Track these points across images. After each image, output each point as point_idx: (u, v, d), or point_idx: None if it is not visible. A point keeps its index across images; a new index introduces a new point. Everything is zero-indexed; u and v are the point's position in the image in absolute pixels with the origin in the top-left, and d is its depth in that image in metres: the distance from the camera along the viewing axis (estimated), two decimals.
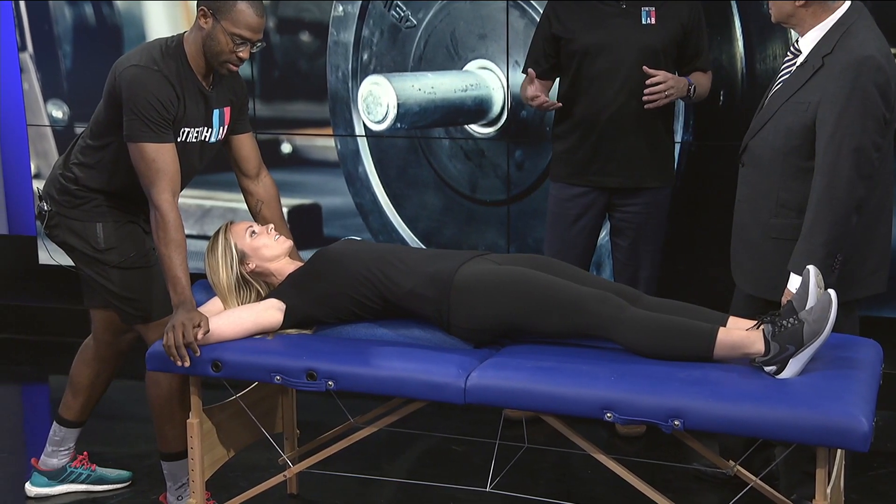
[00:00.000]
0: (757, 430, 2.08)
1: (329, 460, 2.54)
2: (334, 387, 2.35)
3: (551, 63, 3.22)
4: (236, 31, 2.48)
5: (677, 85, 3.09)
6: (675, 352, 2.28)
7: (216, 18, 2.48)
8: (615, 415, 2.15)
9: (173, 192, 2.50)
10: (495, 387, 2.26)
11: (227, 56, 2.51)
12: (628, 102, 3.10)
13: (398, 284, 2.46)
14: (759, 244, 2.61)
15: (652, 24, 3.09)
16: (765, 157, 2.58)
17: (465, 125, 3.96)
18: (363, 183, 4.13)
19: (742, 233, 2.69)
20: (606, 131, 3.14)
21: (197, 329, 2.39)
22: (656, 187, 3.21)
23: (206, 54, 2.53)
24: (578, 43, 3.12)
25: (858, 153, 2.40)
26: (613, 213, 3.26)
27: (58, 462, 2.98)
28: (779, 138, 2.53)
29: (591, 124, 3.16)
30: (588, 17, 3.12)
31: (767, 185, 2.57)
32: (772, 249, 2.57)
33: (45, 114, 4.52)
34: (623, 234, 3.26)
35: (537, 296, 2.37)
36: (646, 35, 3.09)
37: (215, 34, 2.49)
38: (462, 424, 3.41)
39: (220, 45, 2.50)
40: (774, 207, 2.56)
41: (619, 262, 3.30)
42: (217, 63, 2.54)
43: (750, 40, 3.54)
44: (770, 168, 2.56)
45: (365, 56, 4.02)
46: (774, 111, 2.56)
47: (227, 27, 2.48)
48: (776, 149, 2.54)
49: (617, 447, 3.25)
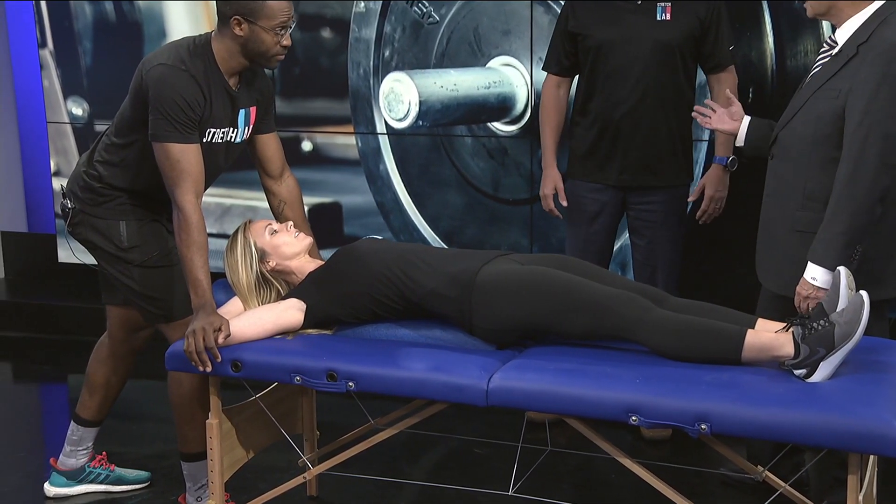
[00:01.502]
0: (786, 435, 2.06)
1: (349, 462, 2.54)
2: (355, 388, 2.35)
3: (572, 61, 3.23)
4: (276, 22, 2.51)
5: (719, 188, 3.17)
6: (703, 354, 2.27)
7: (252, 22, 2.50)
8: (640, 418, 2.14)
9: (197, 194, 2.51)
10: (518, 389, 2.25)
11: (274, 49, 2.54)
12: (644, 99, 3.10)
13: (420, 284, 2.46)
14: (785, 238, 2.59)
15: (667, 19, 3.09)
16: (794, 147, 2.56)
17: (487, 123, 3.96)
18: (384, 181, 4.14)
19: (768, 228, 2.67)
20: (622, 128, 3.14)
21: (217, 333, 2.40)
22: (673, 186, 3.20)
23: (252, 57, 2.55)
24: (593, 39, 3.13)
25: (886, 141, 2.38)
26: (629, 212, 3.26)
27: (76, 462, 3.00)
28: (809, 127, 2.51)
29: (606, 122, 3.16)
30: (603, 14, 3.12)
31: (795, 177, 2.55)
32: (797, 243, 2.54)
33: (65, 111, 4.56)
34: (640, 233, 3.26)
35: (561, 296, 2.36)
36: (660, 31, 3.09)
37: (257, 36, 2.51)
38: (484, 427, 3.41)
39: (266, 43, 2.52)
40: (801, 200, 2.54)
41: (638, 261, 3.30)
42: (265, 60, 2.57)
43: (780, 36, 3.51)
44: (799, 159, 2.54)
45: (387, 53, 4.03)
46: (805, 100, 2.54)
47: (266, 25, 2.50)
48: (805, 138, 2.52)
49: (642, 451, 3.24)
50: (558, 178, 3.27)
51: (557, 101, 3.27)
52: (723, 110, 2.78)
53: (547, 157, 3.29)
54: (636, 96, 3.10)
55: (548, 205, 3.30)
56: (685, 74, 3.14)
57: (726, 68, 3.17)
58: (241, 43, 2.53)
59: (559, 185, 3.26)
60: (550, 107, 3.28)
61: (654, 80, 3.08)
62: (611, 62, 3.11)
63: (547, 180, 3.28)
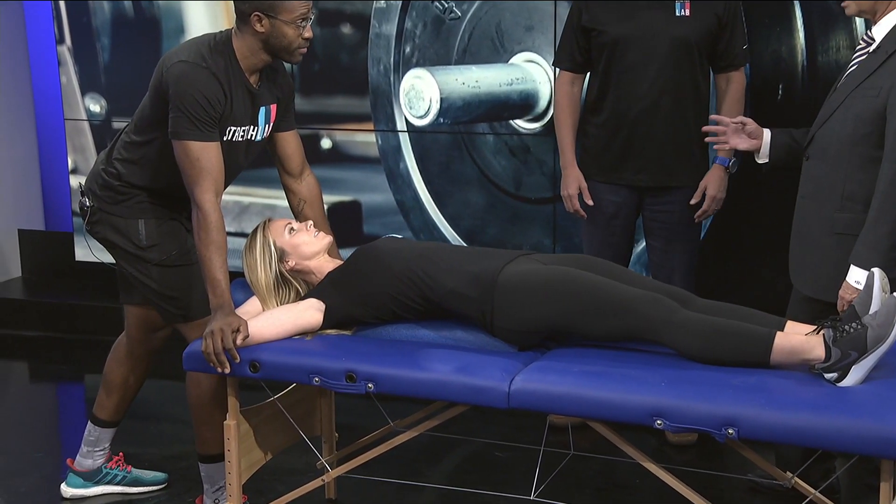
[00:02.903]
0: (816, 440, 2.05)
1: (368, 465, 2.54)
2: (374, 389, 2.36)
3: (585, 57, 3.20)
4: (296, 14, 2.51)
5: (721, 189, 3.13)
6: (730, 357, 2.26)
7: (272, 17, 2.50)
8: (665, 422, 2.13)
9: (216, 192, 2.52)
10: (540, 391, 2.25)
11: (297, 42, 2.55)
12: (660, 98, 3.08)
13: (440, 284, 2.46)
14: (821, 241, 2.56)
15: (686, 15, 3.06)
16: (831, 147, 2.54)
17: (510, 120, 3.95)
18: (404, 179, 4.14)
19: (803, 230, 2.64)
20: (637, 127, 3.12)
21: (236, 334, 2.41)
22: (689, 186, 3.17)
23: (275, 52, 2.56)
24: (608, 35, 3.09)
25: None
26: (645, 213, 3.24)
27: (93, 463, 3.02)
28: (847, 127, 2.49)
29: (621, 120, 3.13)
30: (619, 9, 3.09)
31: (833, 178, 2.53)
32: (834, 246, 2.52)
33: (83, 108, 4.60)
34: (655, 234, 3.23)
35: (585, 297, 2.35)
36: (679, 27, 3.06)
37: (279, 31, 2.52)
38: (505, 430, 3.40)
39: (289, 37, 2.53)
40: (839, 201, 2.51)
41: (654, 263, 3.28)
42: (289, 54, 2.57)
43: (812, 31, 3.48)
44: (837, 159, 2.52)
45: (407, 49, 4.03)
46: (843, 99, 2.52)
47: (286, 18, 2.50)
48: (844, 138, 2.50)
49: (667, 456, 3.22)
50: (581, 176, 3.22)
51: (573, 99, 3.24)
52: (735, 127, 2.75)
53: (567, 156, 3.25)
54: (653, 94, 3.08)
55: (573, 205, 3.24)
56: (702, 72, 3.12)
57: (738, 68, 3.14)
58: (263, 39, 2.54)
59: (583, 185, 3.22)
60: (566, 104, 3.25)
61: (671, 77, 3.06)
62: (627, 58, 3.09)
63: (570, 180, 3.24)
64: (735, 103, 3.13)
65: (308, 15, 2.54)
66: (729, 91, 3.15)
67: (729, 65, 3.13)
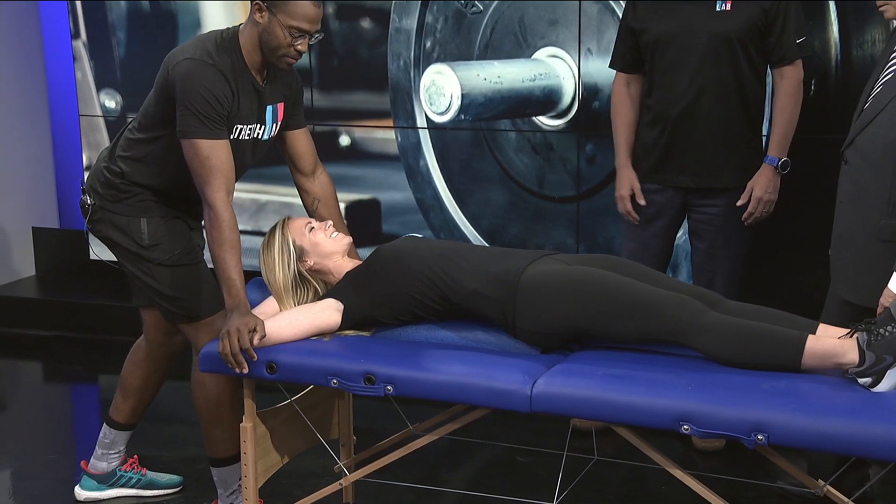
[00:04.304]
0: (849, 448, 2.03)
1: (387, 469, 2.54)
2: (393, 392, 2.36)
3: (635, 56, 3.21)
4: (294, 23, 2.49)
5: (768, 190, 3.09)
6: (760, 360, 2.24)
7: (272, 12, 2.49)
8: (692, 427, 2.12)
9: (228, 191, 2.53)
10: (563, 395, 2.24)
11: (285, 50, 2.52)
12: (700, 97, 3.07)
13: (461, 284, 2.46)
14: (867, 248, 2.53)
15: (727, 10, 3.04)
16: (875, 152, 2.51)
17: (532, 117, 3.95)
18: (424, 177, 4.14)
19: (846, 236, 2.61)
20: (679, 127, 3.11)
21: (253, 334, 2.41)
22: (737, 188, 3.14)
23: (263, 49, 2.55)
24: (650, 34, 3.11)
25: None
26: (691, 214, 3.23)
27: (108, 465, 3.04)
28: (893, 131, 2.46)
29: (663, 119, 3.14)
30: (662, 7, 3.10)
31: (878, 184, 2.49)
32: (882, 254, 2.49)
33: (98, 104, 4.63)
34: (700, 236, 3.22)
35: (609, 298, 2.34)
36: (719, 22, 3.04)
37: (272, 28, 2.51)
38: (527, 434, 3.40)
39: (278, 40, 2.51)
40: (886, 207, 2.48)
41: (696, 265, 3.26)
42: (275, 58, 2.55)
43: (846, 24, 3.45)
44: (881, 164, 2.49)
45: (428, 43, 4.03)
46: (887, 102, 2.49)
47: (283, 20, 2.49)
48: (890, 143, 2.47)
49: (693, 462, 3.21)
50: (634, 177, 3.22)
51: (626, 98, 3.25)
52: None
53: (620, 157, 3.27)
54: (691, 94, 3.07)
55: (625, 206, 3.25)
56: (750, 68, 3.08)
57: (792, 62, 3.10)
58: (259, 31, 2.53)
59: (636, 186, 3.22)
60: (619, 104, 3.26)
61: (711, 74, 3.04)
62: (667, 57, 3.09)
63: (623, 180, 3.25)
64: (787, 99, 3.10)
65: (307, 32, 2.51)
66: (781, 87, 3.11)
67: (781, 59, 3.09)
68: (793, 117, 3.11)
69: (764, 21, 3.05)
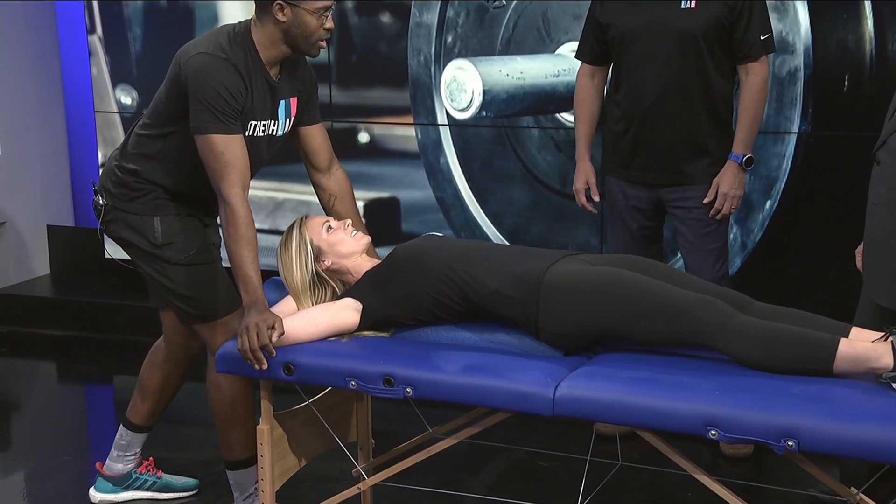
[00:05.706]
0: (883, 455, 2.01)
1: (406, 473, 2.54)
2: (412, 394, 2.35)
3: (603, 49, 3.25)
4: (319, 4, 2.53)
5: (734, 185, 3.11)
6: (790, 364, 2.23)
7: (294, 5, 2.52)
8: (720, 432, 2.11)
9: (243, 186, 2.53)
10: (587, 398, 2.23)
11: (318, 34, 2.56)
12: (666, 93, 3.09)
13: (482, 284, 2.46)
14: None
15: (691, 7, 3.07)
16: None
17: (556, 114, 3.94)
18: (445, 175, 4.14)
19: (879, 239, 2.58)
20: (645, 123, 3.15)
21: (271, 331, 2.42)
22: (706, 184, 3.16)
23: (296, 43, 2.57)
24: (616, 28, 3.15)
25: None
26: (668, 210, 3.27)
27: (123, 467, 3.06)
28: None
29: (630, 115, 3.17)
30: (628, 2, 3.13)
31: None
32: None
33: (114, 100, 4.66)
34: (679, 231, 3.26)
35: (635, 300, 2.34)
36: (683, 20, 3.06)
37: (301, 19, 2.53)
38: (549, 438, 3.39)
39: (311, 26, 2.54)
40: None
41: (687, 262, 3.30)
42: (309, 45, 2.58)
43: (881, 17, 3.42)
44: None
45: (449, 39, 4.03)
46: None
47: (309, 7, 2.52)
48: None
49: (721, 468, 3.19)
50: (591, 171, 3.30)
51: (591, 91, 3.31)
52: None
53: (580, 150, 3.33)
54: (659, 89, 3.10)
55: (580, 200, 3.34)
56: (716, 66, 3.10)
57: (758, 58, 3.11)
58: (284, 29, 2.55)
59: (591, 180, 3.30)
60: (583, 97, 3.32)
61: (676, 72, 3.08)
62: (633, 53, 3.13)
63: (579, 174, 3.33)
64: (752, 96, 3.12)
65: (331, 6, 2.55)
66: (746, 84, 3.13)
67: (746, 56, 3.11)
68: (758, 114, 3.14)
69: (729, 18, 3.06)
